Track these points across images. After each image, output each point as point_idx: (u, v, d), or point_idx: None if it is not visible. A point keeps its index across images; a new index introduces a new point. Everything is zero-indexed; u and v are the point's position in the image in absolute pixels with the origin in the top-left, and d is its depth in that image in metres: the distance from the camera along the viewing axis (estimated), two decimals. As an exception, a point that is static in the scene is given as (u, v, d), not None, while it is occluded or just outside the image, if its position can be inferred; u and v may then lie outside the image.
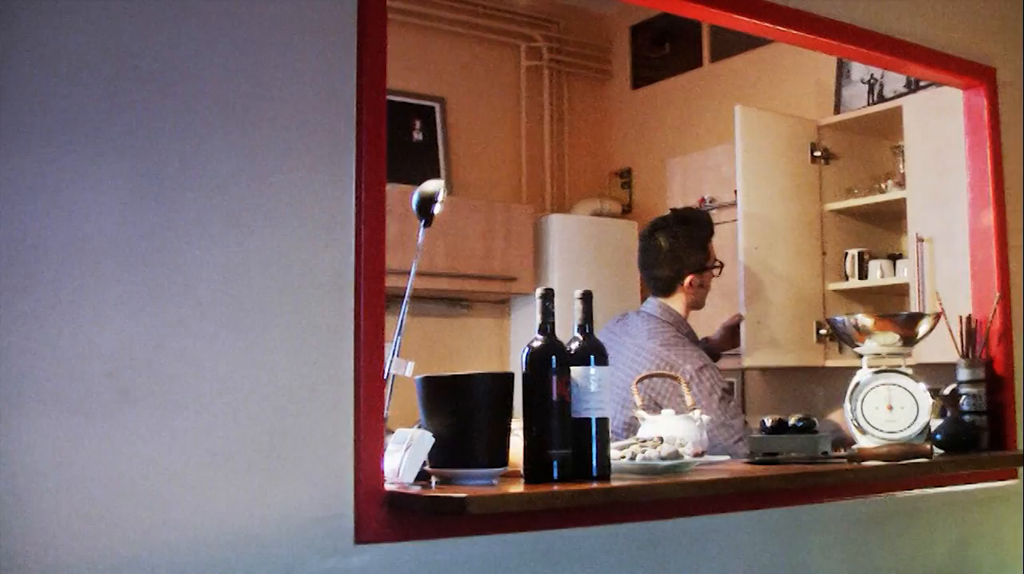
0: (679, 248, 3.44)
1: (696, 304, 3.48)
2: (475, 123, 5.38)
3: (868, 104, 4.37)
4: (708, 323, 3.88)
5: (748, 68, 5.05)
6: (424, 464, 2.09)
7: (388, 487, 2.03)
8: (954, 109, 3.39)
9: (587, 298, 2.23)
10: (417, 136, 5.21)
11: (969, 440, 2.93)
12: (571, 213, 5.34)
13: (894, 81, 4.29)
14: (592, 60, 5.78)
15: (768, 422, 2.81)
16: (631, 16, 5.66)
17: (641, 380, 2.94)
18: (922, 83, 3.99)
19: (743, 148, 4.04)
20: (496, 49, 5.51)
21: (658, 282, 3.46)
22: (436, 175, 5.12)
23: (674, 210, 3.68)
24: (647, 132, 5.57)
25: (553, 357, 2.14)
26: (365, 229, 2.04)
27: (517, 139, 5.50)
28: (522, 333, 4.97)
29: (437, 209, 2.41)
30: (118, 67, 1.84)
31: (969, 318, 3.13)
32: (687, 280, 3.42)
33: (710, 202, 4.51)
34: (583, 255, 4.89)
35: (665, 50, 5.55)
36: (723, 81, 5.19)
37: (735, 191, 4.39)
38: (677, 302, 3.44)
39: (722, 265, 3.52)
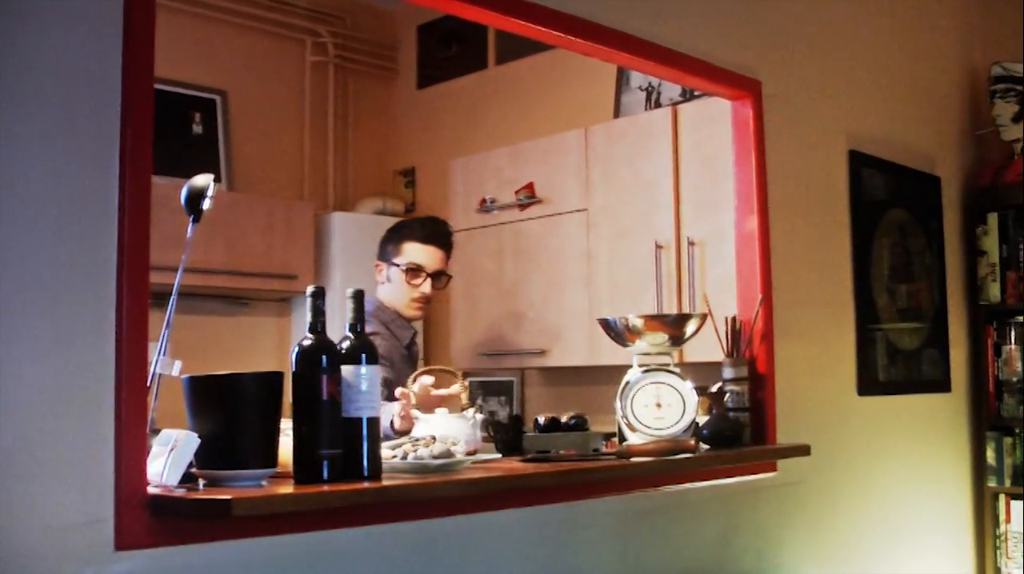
0: (383, 238, 3.81)
1: (394, 298, 3.73)
2: (257, 117, 5.28)
3: (645, 110, 4.49)
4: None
5: (532, 72, 5.12)
6: (190, 466, 2.04)
7: (151, 491, 1.97)
8: (724, 119, 3.52)
9: (358, 297, 2.22)
10: (196, 129, 5.08)
11: (733, 435, 3.06)
12: (354, 211, 5.31)
13: (670, 90, 4.43)
14: (378, 58, 5.75)
15: (541, 420, 2.86)
16: (418, 16, 5.66)
17: (417, 377, 2.95)
18: (696, 93, 4.13)
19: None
20: (281, 43, 5.41)
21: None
22: (216, 170, 5.01)
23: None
24: (432, 132, 5.58)
25: (323, 356, 2.12)
26: (129, 223, 1.96)
27: (300, 135, 5.42)
28: (304, 332, 4.90)
29: (206, 204, 2.35)
30: None
31: (734, 319, 3.26)
32: (375, 265, 3.78)
33: (491, 203, 4.56)
34: (365, 254, 4.85)
35: (451, 51, 5.58)
36: (508, 83, 5.25)
37: (516, 192, 4.46)
38: (379, 291, 3.74)
39: (414, 271, 3.69)
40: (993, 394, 4.44)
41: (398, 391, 3.02)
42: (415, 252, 3.71)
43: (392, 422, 2.94)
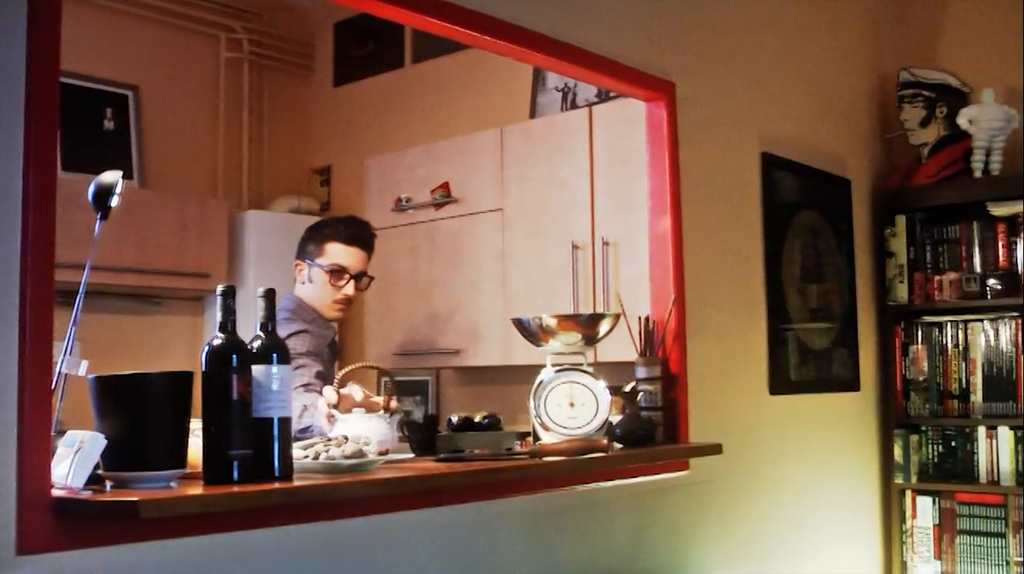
0: (303, 237, 3.74)
1: (316, 299, 3.68)
2: (171, 114, 5.20)
3: (561, 111, 4.51)
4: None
5: (448, 71, 5.12)
6: (97, 467, 2.00)
7: (56, 493, 1.92)
8: (639, 120, 3.54)
9: (269, 296, 2.20)
10: (108, 125, 4.99)
11: (645, 434, 3.09)
12: (268, 210, 5.25)
13: (586, 90, 4.46)
14: (294, 55, 5.71)
15: (455, 420, 2.85)
16: (335, 13, 5.62)
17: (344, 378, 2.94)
18: (611, 94, 4.16)
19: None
20: (195, 38, 5.34)
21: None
22: (128, 166, 4.93)
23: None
24: (348, 130, 5.55)
25: (234, 355, 2.09)
26: (33, 219, 1.92)
27: (214, 132, 5.35)
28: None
29: (115, 201, 2.31)
30: None
31: (647, 319, 3.28)
32: (295, 264, 3.71)
33: (406, 202, 4.54)
34: (280, 252, 4.82)
35: (368, 48, 5.55)
36: (424, 82, 5.24)
37: (431, 191, 4.45)
38: (299, 291, 3.69)
39: (337, 273, 3.66)
40: (901, 393, 4.53)
41: (329, 393, 2.97)
42: (339, 253, 3.66)
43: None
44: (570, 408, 2.85)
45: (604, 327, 2.95)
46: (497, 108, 4.80)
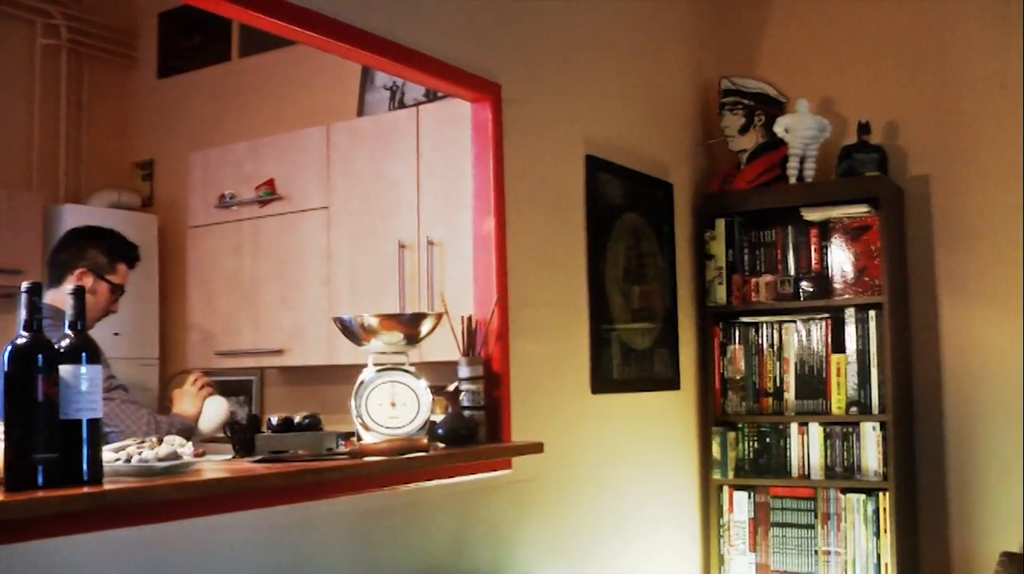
0: (82, 245, 3.59)
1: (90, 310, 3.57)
2: (-19, 101, 5.00)
3: (389, 110, 4.50)
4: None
5: (277, 66, 5.05)
6: None
7: None
8: (466, 120, 3.55)
9: (79, 294, 2.13)
10: (-87, 112, 4.77)
11: (468, 434, 3.11)
12: (87, 204, 5.09)
13: (414, 90, 4.45)
14: (117, 44, 5.54)
15: (275, 420, 2.82)
16: (161, 2, 5.49)
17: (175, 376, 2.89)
18: (439, 94, 4.16)
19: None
20: (7, 23, 5.14)
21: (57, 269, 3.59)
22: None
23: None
24: (172, 123, 5.42)
25: (39, 355, 2.02)
26: None
27: (29, 122, 5.15)
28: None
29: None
30: None
31: (470, 319, 3.30)
32: (79, 272, 3.50)
33: (230, 198, 4.47)
34: (98, 248, 4.70)
35: (195, 40, 5.43)
36: (251, 77, 5.16)
37: (256, 188, 4.39)
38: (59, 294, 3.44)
39: (116, 290, 3.62)
40: (719, 391, 4.66)
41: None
42: (125, 274, 3.66)
43: None
44: (391, 408, 2.84)
45: (426, 327, 2.96)
46: (324, 105, 4.76)
